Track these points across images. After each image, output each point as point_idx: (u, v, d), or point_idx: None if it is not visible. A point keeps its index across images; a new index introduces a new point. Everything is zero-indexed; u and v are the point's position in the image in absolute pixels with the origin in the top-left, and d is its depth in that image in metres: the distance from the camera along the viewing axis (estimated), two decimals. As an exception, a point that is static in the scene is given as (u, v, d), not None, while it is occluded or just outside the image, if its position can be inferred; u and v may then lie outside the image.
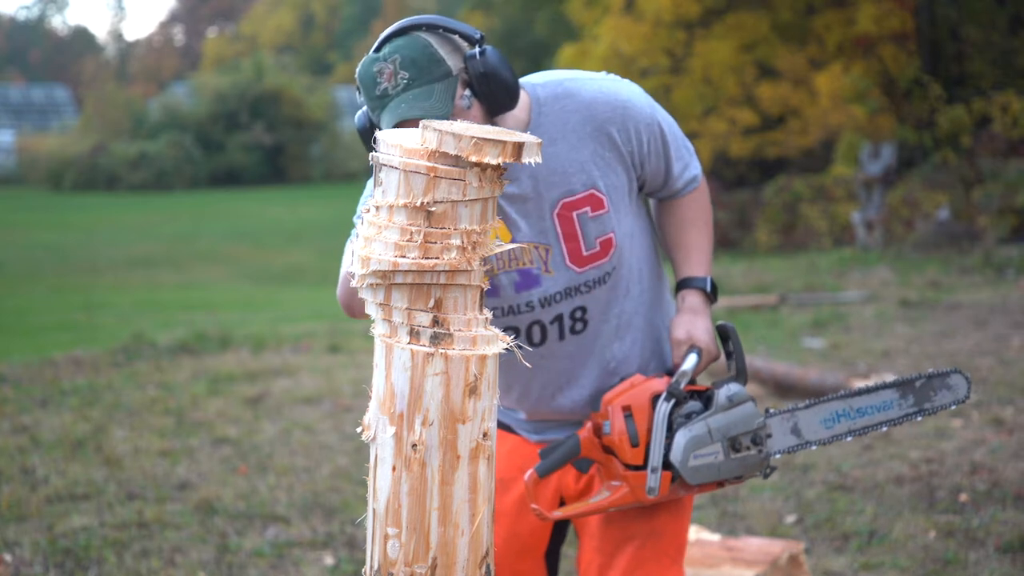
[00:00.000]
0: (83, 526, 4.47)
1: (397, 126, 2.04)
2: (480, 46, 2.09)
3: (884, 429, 2.35)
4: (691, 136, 19.73)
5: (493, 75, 2.08)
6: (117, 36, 70.13)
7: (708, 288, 2.35)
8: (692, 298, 2.35)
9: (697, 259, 2.38)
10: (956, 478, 4.72)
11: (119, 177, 31.59)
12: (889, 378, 6.35)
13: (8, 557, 4.10)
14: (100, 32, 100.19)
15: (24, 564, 4.06)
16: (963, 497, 4.48)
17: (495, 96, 2.10)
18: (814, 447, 2.32)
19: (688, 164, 2.37)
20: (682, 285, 2.38)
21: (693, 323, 2.32)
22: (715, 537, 3.67)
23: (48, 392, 7.05)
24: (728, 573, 3.38)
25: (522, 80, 2.26)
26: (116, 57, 63.14)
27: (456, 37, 2.11)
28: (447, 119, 2.04)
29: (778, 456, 2.32)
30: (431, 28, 2.08)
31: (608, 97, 2.23)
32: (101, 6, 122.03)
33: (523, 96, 2.23)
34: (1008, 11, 17.56)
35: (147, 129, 34.04)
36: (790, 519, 4.40)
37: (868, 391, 2.34)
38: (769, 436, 2.29)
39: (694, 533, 3.69)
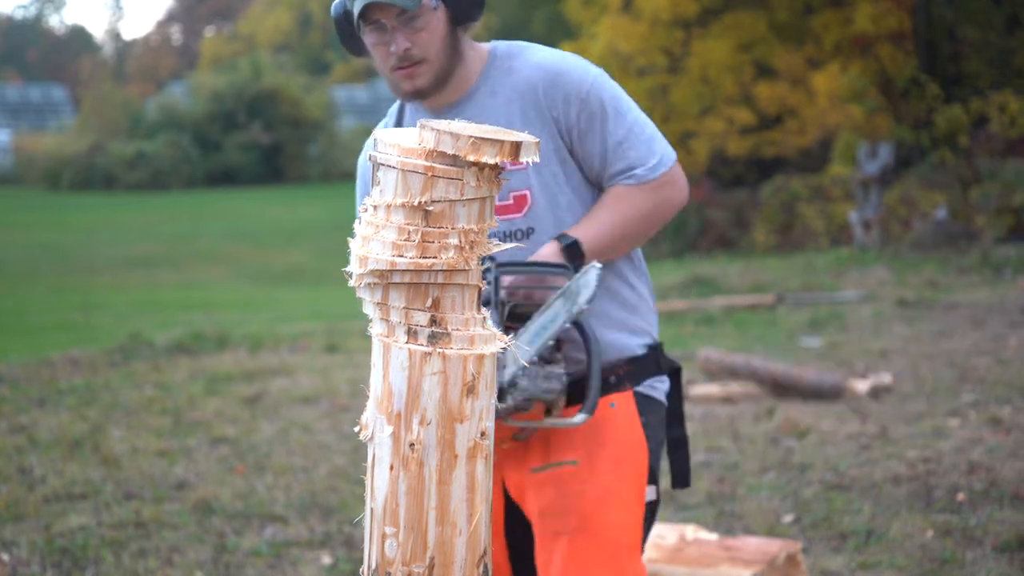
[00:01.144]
0: (80, 526, 4.47)
1: (365, 8, 2.14)
2: None
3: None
4: (688, 135, 19.80)
5: None
6: (114, 35, 70.22)
7: (567, 244, 2.21)
8: (546, 248, 2.23)
9: (585, 226, 2.25)
10: (953, 477, 4.72)
11: (116, 177, 31.55)
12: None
13: (5, 557, 4.10)
14: (97, 31, 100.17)
15: (21, 564, 4.06)
16: (960, 496, 4.48)
17: (461, 4, 2.19)
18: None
19: (635, 164, 2.26)
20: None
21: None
22: (712, 536, 3.67)
23: (45, 392, 7.05)
24: (726, 572, 3.38)
25: (495, 42, 2.33)
26: (113, 56, 63.07)
27: None
28: (414, 12, 2.15)
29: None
30: None
31: (550, 64, 2.27)
32: (99, 5, 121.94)
33: (485, 49, 2.30)
34: (1004, 11, 17.60)
35: (144, 129, 33.99)
36: (787, 518, 4.40)
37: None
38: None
39: (691, 532, 3.69)
